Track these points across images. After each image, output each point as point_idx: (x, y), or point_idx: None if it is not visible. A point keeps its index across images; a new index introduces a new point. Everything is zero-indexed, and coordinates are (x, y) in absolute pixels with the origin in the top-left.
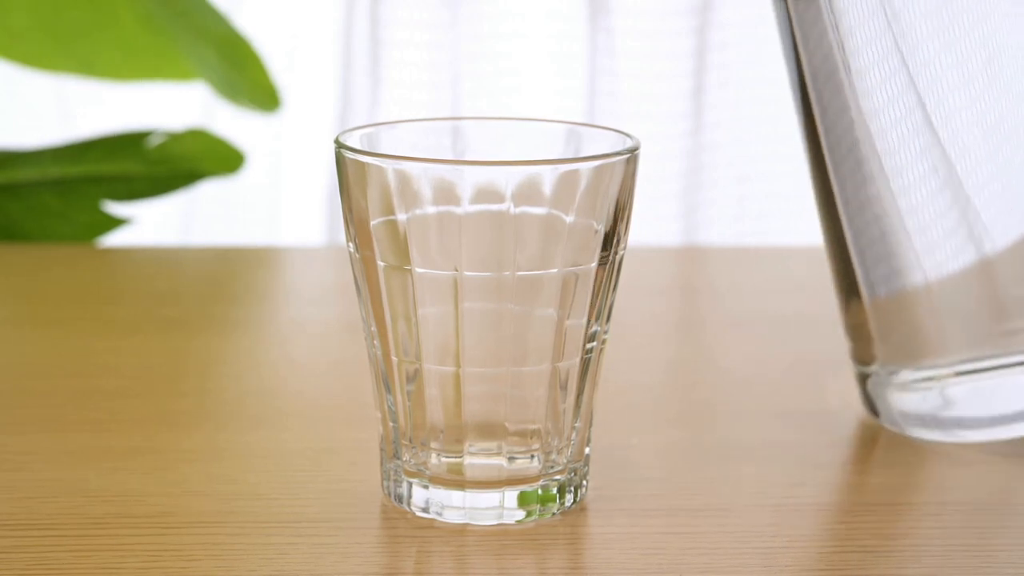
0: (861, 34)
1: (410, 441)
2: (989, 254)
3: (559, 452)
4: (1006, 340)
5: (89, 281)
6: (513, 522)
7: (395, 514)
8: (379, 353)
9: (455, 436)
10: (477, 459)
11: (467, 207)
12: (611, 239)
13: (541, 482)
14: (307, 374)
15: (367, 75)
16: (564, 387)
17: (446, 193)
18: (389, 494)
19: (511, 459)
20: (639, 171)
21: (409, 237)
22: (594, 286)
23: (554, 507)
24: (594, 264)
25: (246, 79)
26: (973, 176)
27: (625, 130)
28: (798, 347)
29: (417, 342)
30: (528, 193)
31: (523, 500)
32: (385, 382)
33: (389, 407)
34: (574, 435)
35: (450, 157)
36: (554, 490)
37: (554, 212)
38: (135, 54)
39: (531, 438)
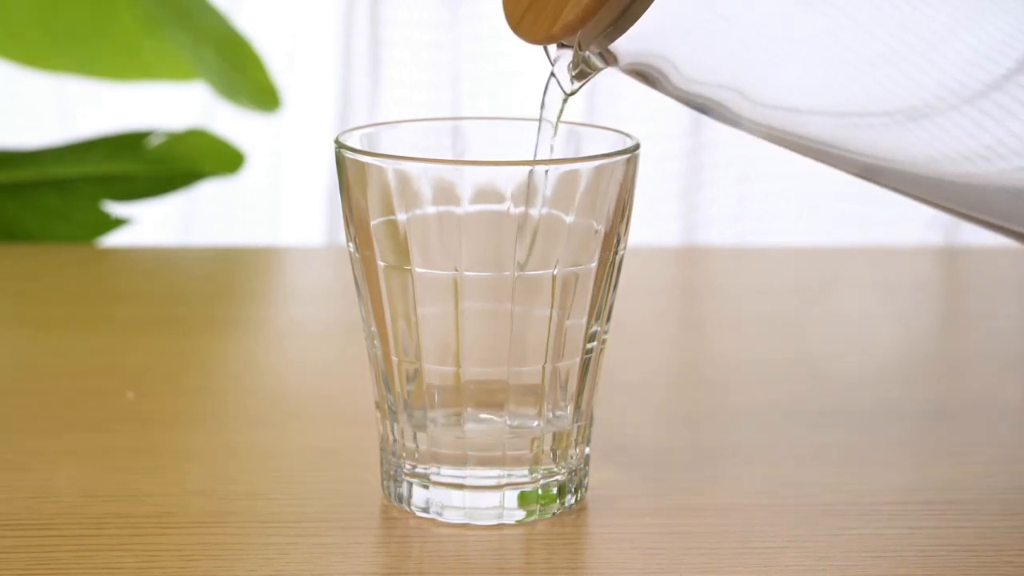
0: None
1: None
2: None
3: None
4: None
5: (89, 281)
6: (513, 522)
7: (395, 514)
8: (379, 353)
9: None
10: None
11: (467, 207)
12: (611, 239)
13: (541, 482)
14: (307, 374)
15: (367, 75)
16: (564, 387)
17: (446, 193)
18: (389, 494)
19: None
20: (639, 171)
21: (409, 237)
22: (594, 286)
23: (554, 507)
24: (594, 264)
25: (246, 79)
26: None
27: (625, 130)
28: (798, 347)
29: (417, 342)
30: (528, 193)
31: (523, 500)
32: (385, 382)
33: (389, 407)
34: (574, 435)
35: (450, 157)
36: (554, 490)
37: (554, 212)
38: (135, 54)
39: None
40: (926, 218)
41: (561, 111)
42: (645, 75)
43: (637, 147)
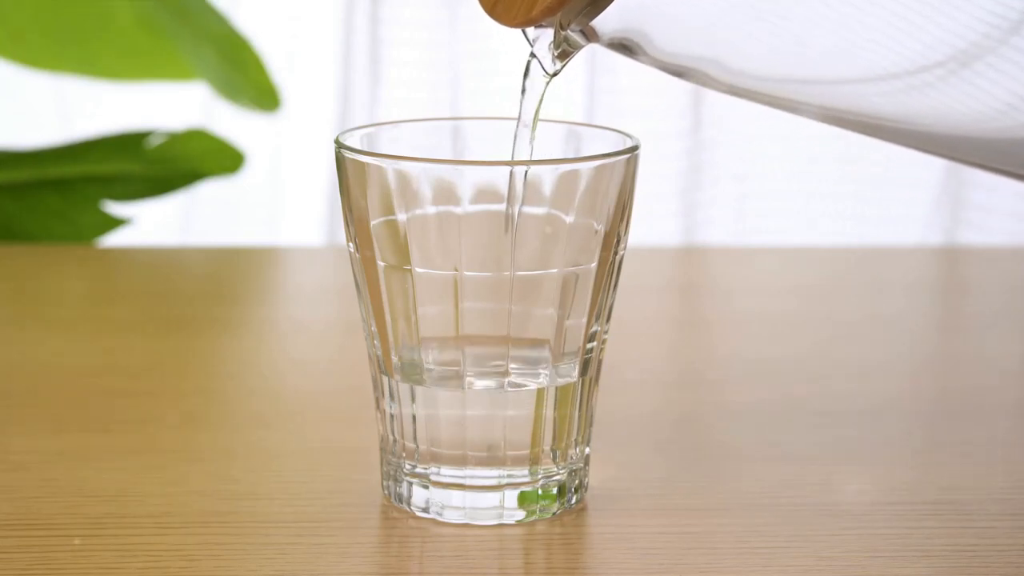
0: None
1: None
2: None
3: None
4: None
5: (89, 281)
6: (513, 522)
7: (395, 514)
8: (379, 353)
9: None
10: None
11: (467, 207)
12: (611, 239)
13: (541, 482)
14: (307, 374)
15: (367, 74)
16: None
17: (446, 193)
18: (389, 494)
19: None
20: (639, 171)
21: (409, 237)
22: (594, 286)
23: (554, 507)
24: (594, 264)
25: (246, 79)
26: None
27: (625, 129)
28: (798, 347)
29: (417, 342)
30: (528, 193)
31: (523, 500)
32: (386, 382)
33: (389, 401)
34: (575, 435)
35: (450, 157)
36: (554, 490)
37: (554, 212)
38: (135, 54)
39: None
40: (926, 218)
41: (544, 92)
42: (626, 47)
43: (637, 147)
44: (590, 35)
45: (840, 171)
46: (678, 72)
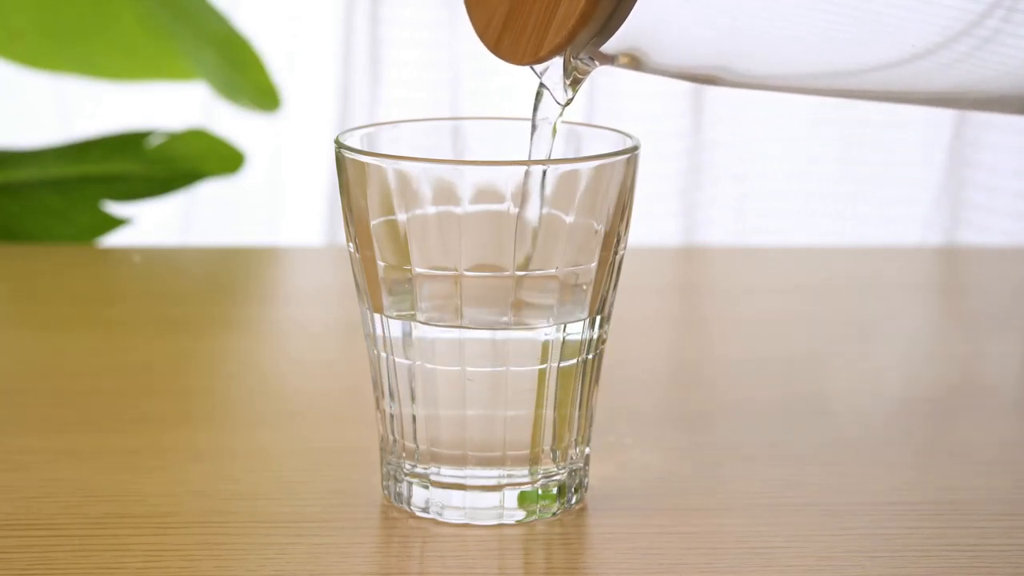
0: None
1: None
2: None
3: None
4: None
5: (89, 281)
6: (513, 522)
7: (395, 514)
8: (378, 351)
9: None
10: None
11: (467, 207)
12: (611, 239)
13: (541, 482)
14: (307, 374)
15: (367, 74)
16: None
17: (446, 193)
18: (389, 494)
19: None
20: (639, 171)
21: (409, 237)
22: (594, 286)
23: (554, 507)
24: (594, 264)
25: (246, 79)
26: None
27: (625, 130)
28: (798, 347)
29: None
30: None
31: (523, 500)
32: (387, 382)
33: (389, 402)
34: (575, 435)
35: (450, 157)
36: (554, 490)
37: (554, 212)
38: (135, 54)
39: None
40: (926, 218)
41: (557, 121)
42: (636, 62)
43: (637, 147)
44: (600, 59)
45: (840, 171)
46: (687, 79)
